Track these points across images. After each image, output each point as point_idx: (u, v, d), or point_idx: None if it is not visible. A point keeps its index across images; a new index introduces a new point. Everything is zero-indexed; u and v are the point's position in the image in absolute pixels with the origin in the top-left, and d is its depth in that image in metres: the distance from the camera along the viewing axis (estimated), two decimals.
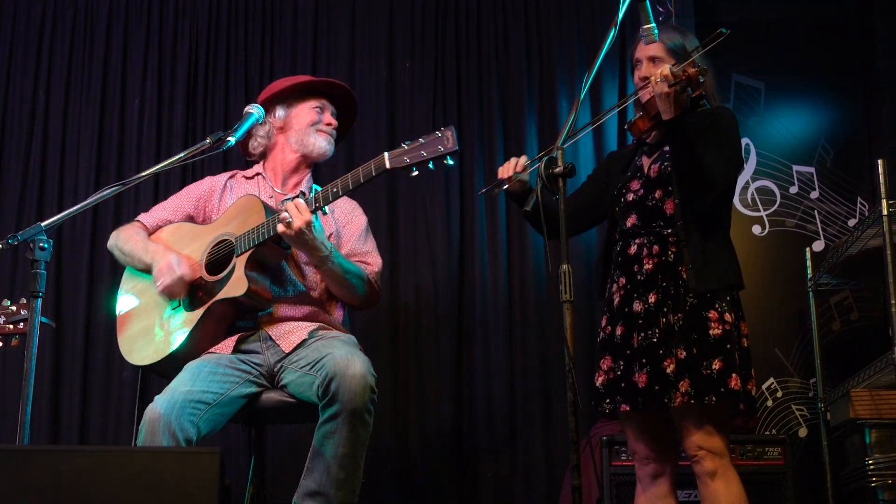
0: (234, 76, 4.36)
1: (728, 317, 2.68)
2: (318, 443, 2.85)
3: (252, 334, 3.12)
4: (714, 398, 2.61)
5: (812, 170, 4.41)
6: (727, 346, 2.65)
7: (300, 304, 3.16)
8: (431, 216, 4.22)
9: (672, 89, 2.65)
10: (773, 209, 4.39)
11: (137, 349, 3.16)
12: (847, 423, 3.70)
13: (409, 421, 4.06)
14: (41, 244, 2.54)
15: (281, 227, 2.94)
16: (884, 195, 3.53)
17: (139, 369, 3.23)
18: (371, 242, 3.33)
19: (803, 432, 4.19)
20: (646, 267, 2.78)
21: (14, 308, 2.95)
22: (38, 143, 4.31)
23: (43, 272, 2.54)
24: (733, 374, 2.62)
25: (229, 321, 3.13)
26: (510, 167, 2.85)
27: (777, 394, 4.22)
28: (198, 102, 4.35)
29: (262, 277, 3.09)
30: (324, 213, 3.12)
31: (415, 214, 4.24)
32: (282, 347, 3.05)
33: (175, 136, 4.30)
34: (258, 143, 3.34)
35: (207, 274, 3.13)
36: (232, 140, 2.94)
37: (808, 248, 4.20)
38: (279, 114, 3.31)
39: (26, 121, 4.34)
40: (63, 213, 2.73)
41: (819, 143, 4.43)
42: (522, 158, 2.86)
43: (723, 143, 2.77)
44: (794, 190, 4.40)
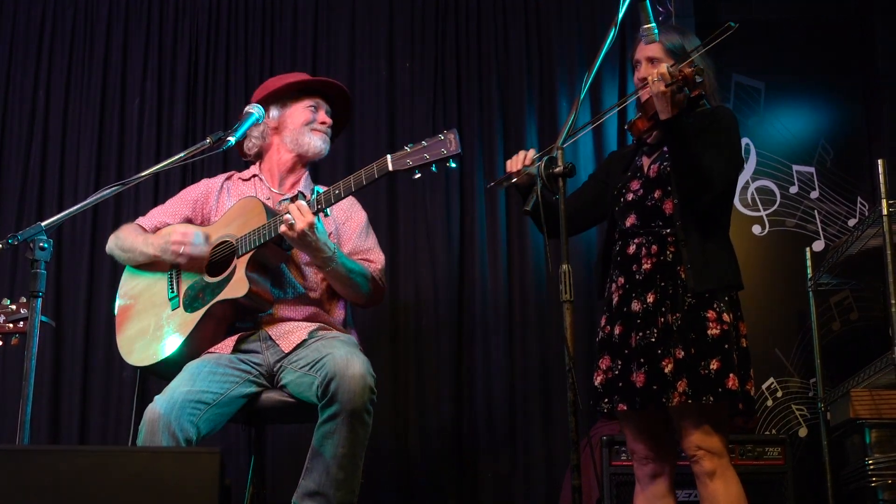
0: (234, 76, 4.36)
1: (726, 317, 2.68)
2: (318, 443, 2.85)
3: (252, 334, 3.12)
4: (711, 398, 2.61)
5: (812, 170, 4.41)
6: (725, 347, 2.65)
7: (300, 306, 3.16)
8: (431, 216, 4.22)
9: (669, 89, 2.65)
10: (773, 209, 4.39)
11: (137, 350, 3.15)
12: (847, 422, 3.70)
13: (409, 421, 4.06)
14: (41, 244, 2.54)
15: (283, 227, 2.94)
16: (884, 195, 3.53)
17: (138, 369, 3.23)
18: (372, 238, 3.33)
19: (803, 432, 4.19)
20: (644, 267, 2.78)
21: (14, 307, 2.95)
22: (38, 143, 4.31)
23: (43, 272, 2.54)
24: (731, 375, 2.62)
25: (229, 323, 3.13)
26: (519, 160, 2.83)
27: (777, 394, 4.22)
28: (198, 102, 4.35)
29: (262, 279, 3.09)
30: (325, 215, 3.12)
31: (415, 214, 4.24)
32: (281, 347, 3.05)
33: (175, 136, 4.30)
34: (253, 144, 3.34)
35: (208, 275, 3.13)
36: (232, 140, 2.94)
37: (808, 248, 4.20)
38: (273, 114, 3.31)
39: (26, 121, 4.34)
40: (63, 213, 2.73)
41: (819, 143, 4.43)
42: (531, 152, 2.83)
43: (722, 142, 2.77)
44: (794, 190, 4.40)
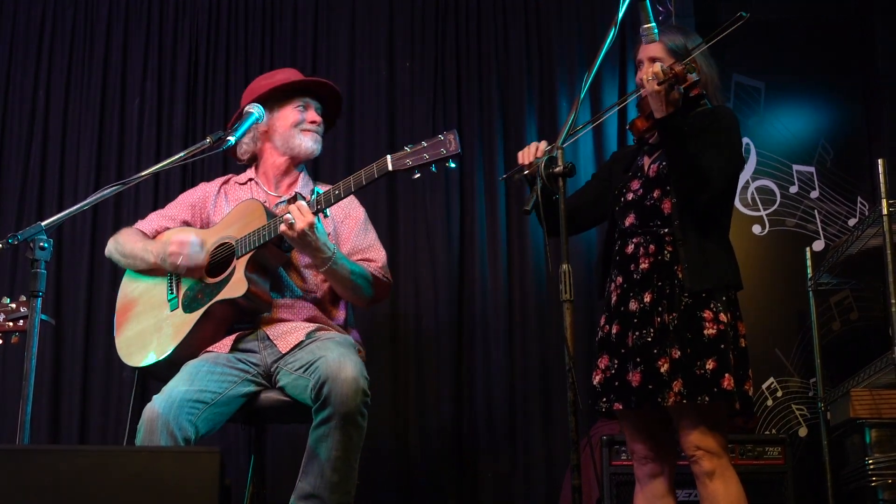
0: (234, 76, 4.36)
1: (723, 317, 2.67)
2: (313, 445, 2.86)
3: (250, 333, 3.12)
4: (707, 398, 2.60)
5: (812, 169, 4.41)
6: (721, 347, 2.64)
7: (300, 307, 3.16)
8: (431, 216, 4.22)
9: (662, 87, 2.65)
10: (773, 209, 4.39)
11: (135, 351, 3.15)
12: (847, 422, 3.70)
13: (409, 421, 4.06)
14: (41, 244, 2.54)
15: (283, 227, 2.94)
16: (884, 195, 3.53)
17: (137, 370, 3.23)
18: (372, 234, 3.32)
19: (803, 432, 4.19)
20: (642, 266, 2.78)
21: (14, 305, 2.95)
22: (38, 143, 4.31)
23: (43, 272, 2.54)
24: (726, 375, 2.61)
25: (228, 324, 3.13)
26: (530, 152, 2.79)
27: (777, 393, 4.22)
28: (198, 102, 4.35)
29: (262, 280, 3.09)
30: (325, 216, 3.12)
31: (415, 214, 4.24)
32: (279, 348, 3.05)
33: (175, 136, 4.30)
34: (246, 150, 3.35)
35: (207, 276, 3.13)
36: (232, 139, 2.94)
37: (808, 248, 4.20)
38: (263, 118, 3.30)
39: (26, 121, 4.34)
40: (63, 213, 2.73)
41: (819, 142, 4.43)
42: (542, 143, 2.78)
43: (722, 142, 2.77)
44: (794, 189, 4.40)
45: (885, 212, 3.50)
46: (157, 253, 3.16)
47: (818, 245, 4.31)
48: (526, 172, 2.78)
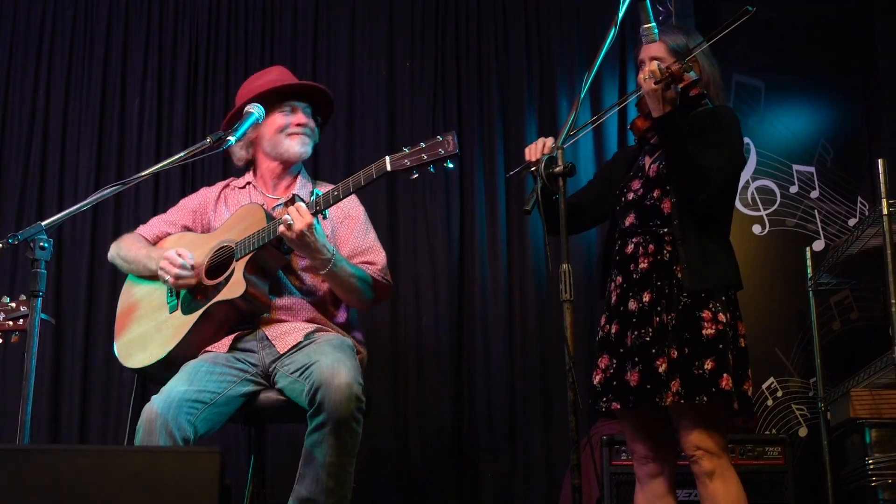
0: (234, 76, 4.35)
1: (722, 317, 2.67)
2: (308, 450, 2.86)
3: (249, 333, 3.12)
4: (705, 398, 2.60)
5: (812, 169, 4.41)
6: (720, 347, 2.64)
7: (300, 308, 3.16)
8: (431, 216, 4.22)
9: (658, 86, 2.65)
10: (773, 209, 4.39)
11: (134, 353, 3.16)
12: (847, 422, 3.70)
13: (409, 421, 4.06)
14: (41, 243, 2.54)
15: (282, 228, 2.94)
16: (884, 195, 3.53)
17: (136, 371, 3.23)
18: (372, 235, 3.31)
19: (803, 432, 4.19)
20: (641, 266, 2.78)
21: (14, 304, 2.95)
22: (38, 143, 4.31)
23: (43, 271, 2.54)
24: (725, 374, 2.61)
25: (227, 326, 3.12)
26: (537, 149, 2.78)
27: (777, 393, 4.22)
28: (198, 102, 4.35)
29: (260, 282, 3.09)
30: (324, 217, 3.12)
31: (415, 214, 4.24)
32: (277, 348, 3.05)
33: (175, 136, 4.30)
34: (240, 157, 3.36)
35: (207, 278, 3.13)
36: (232, 139, 2.94)
37: (808, 248, 4.20)
38: None
39: (26, 121, 4.35)
40: (63, 213, 2.72)
41: (819, 142, 4.43)
42: (549, 140, 2.77)
43: (722, 142, 2.76)
44: (794, 189, 4.40)
45: (885, 212, 3.50)
46: (158, 261, 3.17)
47: (818, 245, 4.31)
48: (533, 169, 2.76)
